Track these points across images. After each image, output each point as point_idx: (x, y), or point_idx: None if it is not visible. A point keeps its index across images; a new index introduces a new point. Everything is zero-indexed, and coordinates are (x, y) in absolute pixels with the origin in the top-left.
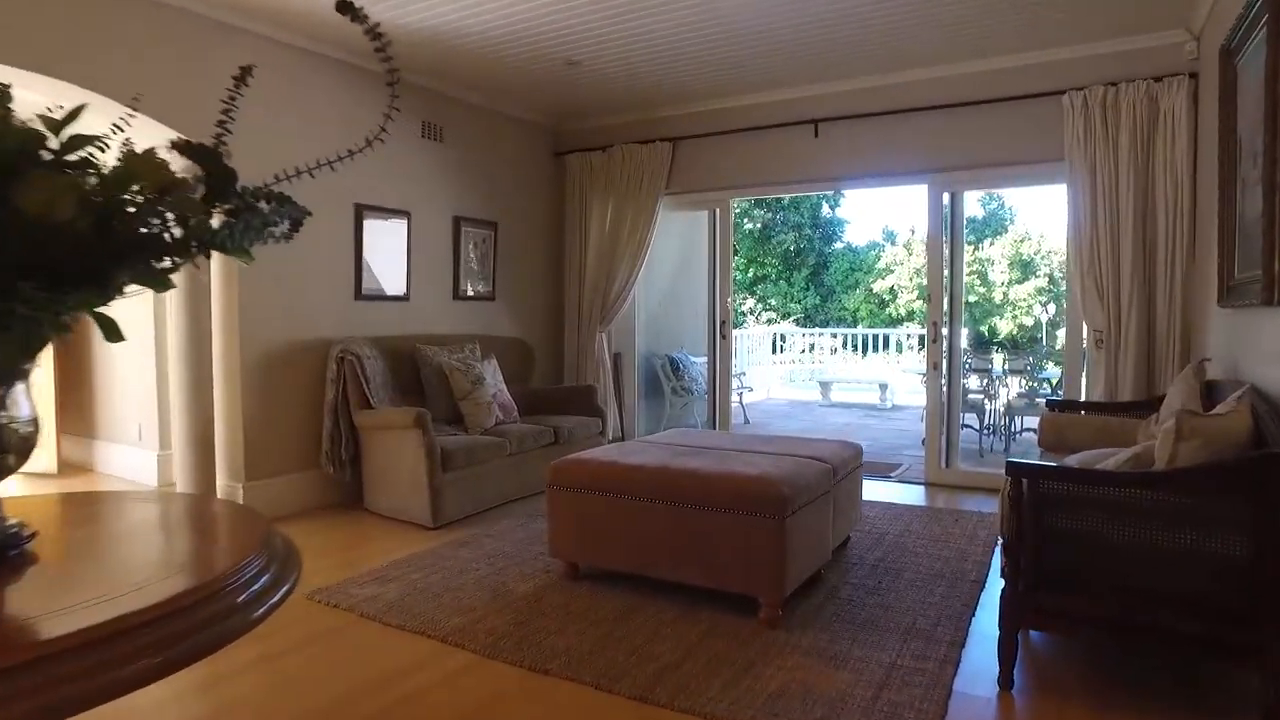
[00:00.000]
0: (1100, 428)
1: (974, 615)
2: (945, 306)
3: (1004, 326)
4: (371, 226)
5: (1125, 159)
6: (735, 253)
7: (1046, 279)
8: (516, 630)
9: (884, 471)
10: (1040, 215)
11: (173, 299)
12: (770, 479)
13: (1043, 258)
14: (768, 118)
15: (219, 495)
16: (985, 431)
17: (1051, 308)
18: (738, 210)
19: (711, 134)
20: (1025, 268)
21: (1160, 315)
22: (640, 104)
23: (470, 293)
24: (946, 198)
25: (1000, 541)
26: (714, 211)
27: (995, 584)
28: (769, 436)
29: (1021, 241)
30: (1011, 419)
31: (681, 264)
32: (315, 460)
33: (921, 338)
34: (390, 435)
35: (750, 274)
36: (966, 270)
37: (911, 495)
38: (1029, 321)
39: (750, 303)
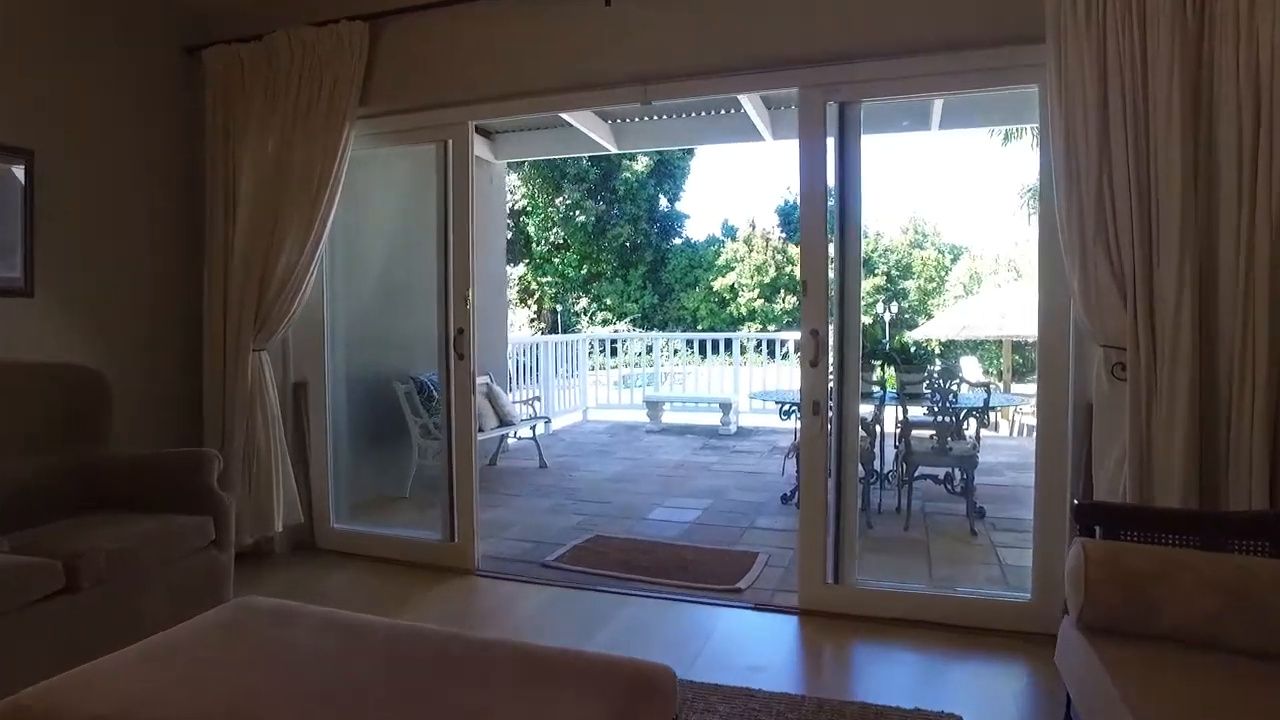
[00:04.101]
0: (1232, 585)
1: None
2: (831, 302)
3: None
4: None
5: (1163, 28)
6: (566, 248)
7: (884, 277)
8: None
9: (727, 583)
10: (877, 212)
11: None
12: None
13: (880, 255)
14: None
15: None
16: (871, 480)
17: (895, 306)
18: (568, 202)
19: (435, 5)
20: (864, 265)
21: (1225, 317)
22: None
23: None
24: (833, 114)
25: None
26: (444, 146)
27: None
28: (464, 645)
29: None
30: (912, 470)
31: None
32: None
33: (766, 342)
34: None
35: (584, 271)
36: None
37: (778, 648)
38: (868, 320)
39: (584, 302)
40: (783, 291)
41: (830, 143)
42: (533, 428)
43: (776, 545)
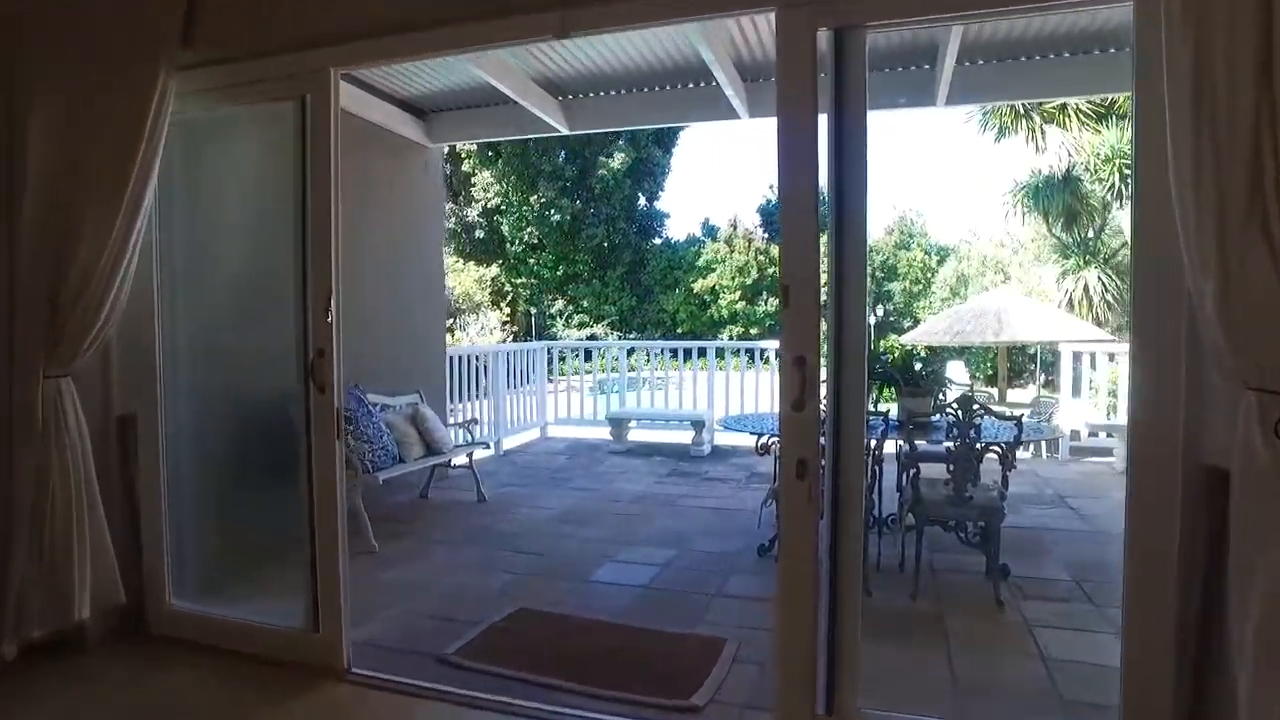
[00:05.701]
0: None
1: None
2: (825, 319)
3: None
4: None
5: None
6: (541, 248)
7: (869, 279)
8: None
9: (681, 693)
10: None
11: None
12: None
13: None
14: None
15: None
16: (868, 528)
17: (880, 310)
18: (542, 200)
19: None
20: None
21: None
22: None
23: None
24: (823, 44)
25: None
26: (300, 103)
27: None
28: None
29: None
30: (920, 522)
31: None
32: None
33: (746, 351)
34: None
35: (560, 272)
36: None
37: None
38: None
39: (560, 304)
40: (765, 294)
41: (823, 92)
42: (469, 455)
43: (751, 624)
